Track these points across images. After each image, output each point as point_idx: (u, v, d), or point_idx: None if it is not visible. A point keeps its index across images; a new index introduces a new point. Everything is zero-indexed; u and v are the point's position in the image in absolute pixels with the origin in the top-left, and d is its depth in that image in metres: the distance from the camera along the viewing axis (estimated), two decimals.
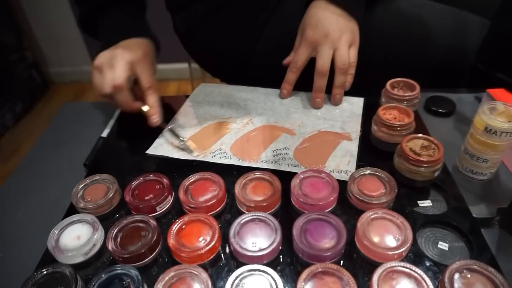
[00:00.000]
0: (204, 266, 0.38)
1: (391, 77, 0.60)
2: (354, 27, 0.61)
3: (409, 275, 0.35)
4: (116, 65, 0.55)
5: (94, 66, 0.57)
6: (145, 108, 0.57)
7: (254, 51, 0.71)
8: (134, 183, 0.46)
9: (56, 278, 0.37)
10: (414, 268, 0.35)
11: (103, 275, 0.36)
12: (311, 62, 0.61)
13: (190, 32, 0.76)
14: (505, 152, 0.47)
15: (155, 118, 0.56)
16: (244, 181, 0.45)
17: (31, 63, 2.05)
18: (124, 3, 0.65)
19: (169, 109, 0.64)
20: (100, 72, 0.57)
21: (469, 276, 0.35)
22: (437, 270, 0.38)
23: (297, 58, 0.61)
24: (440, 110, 0.61)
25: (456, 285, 0.34)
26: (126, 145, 0.60)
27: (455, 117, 0.61)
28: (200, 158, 0.52)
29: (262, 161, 0.51)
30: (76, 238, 0.41)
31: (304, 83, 0.62)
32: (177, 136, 0.56)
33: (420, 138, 0.47)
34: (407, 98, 0.55)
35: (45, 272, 0.37)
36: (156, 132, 0.58)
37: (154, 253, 0.40)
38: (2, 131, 1.85)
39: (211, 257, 0.39)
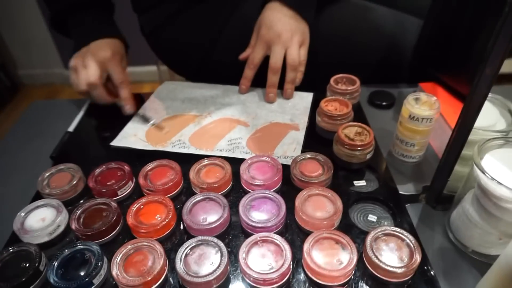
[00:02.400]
0: (161, 241, 0.42)
1: (338, 73, 0.66)
2: (304, 28, 0.68)
3: (336, 241, 0.41)
4: (89, 65, 0.61)
5: (70, 67, 0.64)
6: (119, 101, 0.64)
7: (214, 49, 0.76)
8: (98, 171, 0.50)
9: (21, 256, 0.40)
10: (340, 234, 0.41)
11: (66, 251, 0.40)
12: (266, 61, 0.67)
13: (155, 32, 0.81)
14: (430, 136, 0.54)
15: (129, 108, 0.64)
16: (198, 166, 0.50)
17: None
18: (92, 5, 0.69)
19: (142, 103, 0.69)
20: (76, 72, 0.63)
21: (385, 238, 0.41)
22: (364, 237, 0.44)
23: (253, 56, 0.67)
24: (382, 103, 0.68)
25: (374, 245, 0.40)
26: (91, 138, 0.64)
27: (394, 109, 0.68)
28: (160, 148, 0.56)
29: (218, 149, 0.56)
30: (41, 220, 0.44)
31: (259, 80, 0.68)
32: (146, 118, 0.63)
33: (354, 125, 0.53)
34: (348, 91, 0.62)
35: (11, 250, 0.40)
36: (119, 126, 0.62)
37: (115, 231, 0.44)
38: None
39: (167, 232, 0.44)
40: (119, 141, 0.59)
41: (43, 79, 2.18)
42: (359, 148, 0.50)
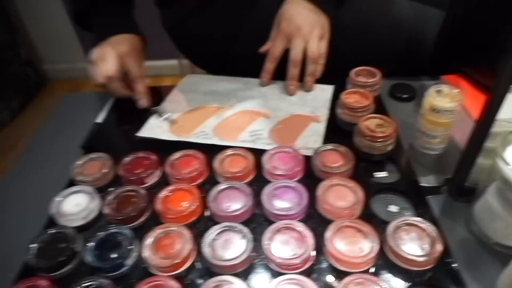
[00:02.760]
0: (188, 227, 0.44)
1: (358, 66, 0.66)
2: (324, 21, 0.68)
3: (358, 229, 0.42)
4: (108, 59, 0.64)
5: (90, 60, 0.66)
6: (134, 95, 0.66)
7: (236, 43, 0.78)
8: (126, 160, 0.53)
9: (59, 238, 0.43)
10: (362, 223, 0.42)
11: (100, 233, 0.43)
12: (287, 54, 0.68)
13: (177, 26, 0.83)
14: (452, 128, 0.54)
15: (143, 102, 0.65)
16: (222, 156, 0.52)
17: (25, 61, 2.10)
18: (113, 2, 0.72)
19: (160, 97, 0.71)
20: (95, 65, 0.65)
21: (407, 228, 0.41)
22: (385, 227, 0.45)
23: (273, 50, 0.68)
24: (403, 96, 0.67)
25: (396, 234, 0.41)
26: (119, 129, 0.67)
27: (415, 102, 0.67)
28: (184, 139, 0.59)
29: (240, 140, 0.57)
30: (76, 205, 0.47)
31: (280, 73, 0.69)
32: (160, 113, 0.64)
33: (375, 117, 0.54)
34: (369, 84, 0.62)
35: (50, 232, 0.43)
36: (146, 117, 0.64)
37: (145, 217, 0.46)
38: None
39: (194, 218, 0.46)
40: (145, 132, 0.61)
41: (67, 74, 2.25)
42: (380, 140, 0.51)
